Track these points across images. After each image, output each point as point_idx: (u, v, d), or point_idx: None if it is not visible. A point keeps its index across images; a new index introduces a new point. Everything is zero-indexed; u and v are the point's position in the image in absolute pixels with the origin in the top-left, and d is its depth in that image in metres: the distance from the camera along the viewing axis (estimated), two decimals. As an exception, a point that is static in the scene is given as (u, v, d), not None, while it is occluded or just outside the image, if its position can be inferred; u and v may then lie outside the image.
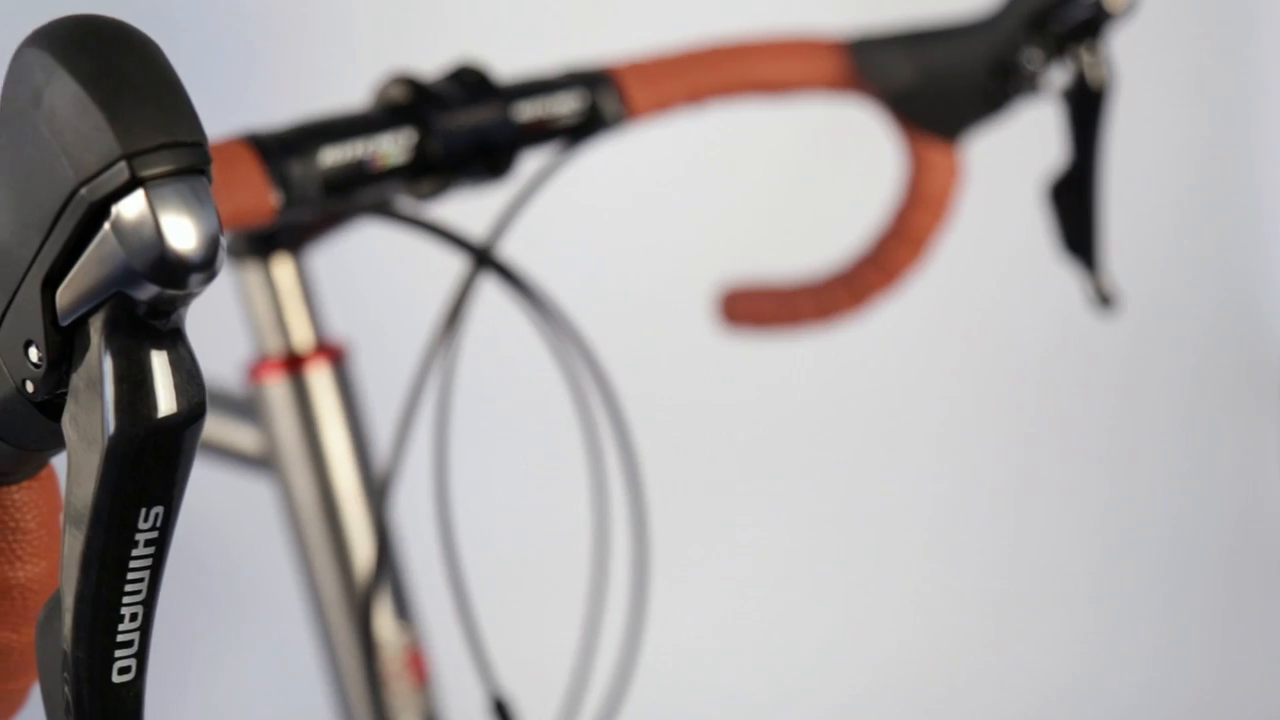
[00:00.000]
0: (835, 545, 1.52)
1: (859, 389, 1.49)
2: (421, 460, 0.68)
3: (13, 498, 0.38)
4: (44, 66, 0.30)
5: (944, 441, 1.53)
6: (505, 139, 0.62)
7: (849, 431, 1.51)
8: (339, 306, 0.81)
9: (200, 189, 0.30)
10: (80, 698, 0.33)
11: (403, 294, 1.34)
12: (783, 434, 1.50)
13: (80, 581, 0.32)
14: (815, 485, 1.52)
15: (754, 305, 0.88)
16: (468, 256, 0.64)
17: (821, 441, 1.51)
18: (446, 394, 0.64)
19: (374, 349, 0.88)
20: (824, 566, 1.52)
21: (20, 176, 0.31)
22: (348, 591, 0.72)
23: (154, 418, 0.31)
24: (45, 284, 0.31)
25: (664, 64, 0.71)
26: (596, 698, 0.74)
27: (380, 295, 1.29)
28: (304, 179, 0.54)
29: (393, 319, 1.15)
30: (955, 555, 1.54)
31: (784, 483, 1.51)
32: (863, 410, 1.50)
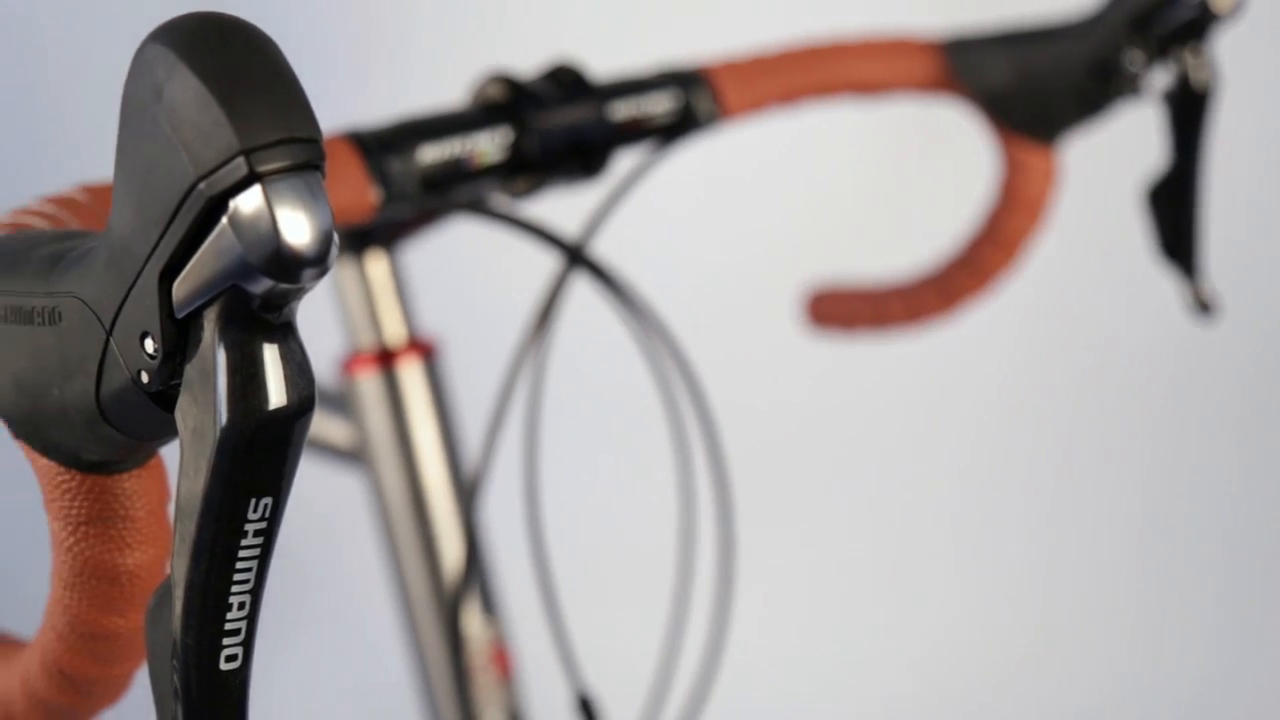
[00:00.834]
0: (920, 547, 1.51)
1: (946, 392, 1.48)
2: (509, 456, 0.69)
3: (123, 486, 0.38)
4: (165, 62, 0.30)
5: (1031, 446, 1.51)
6: (600, 138, 0.62)
7: (935, 434, 1.50)
8: (430, 303, 0.81)
9: (315, 184, 0.31)
10: (188, 684, 0.33)
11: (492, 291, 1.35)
12: (869, 436, 1.49)
13: (190, 570, 0.32)
14: (901, 486, 1.50)
15: (842, 307, 0.88)
16: (560, 255, 0.64)
17: (908, 444, 1.50)
18: (538, 391, 0.65)
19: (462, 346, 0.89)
20: (908, 568, 1.51)
21: (140, 171, 0.31)
22: (435, 585, 0.73)
23: (265, 409, 0.32)
24: (162, 277, 0.32)
25: (758, 64, 0.70)
26: (679, 697, 0.74)
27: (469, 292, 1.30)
28: (403, 176, 0.55)
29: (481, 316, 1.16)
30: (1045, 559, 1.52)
31: (869, 483, 1.50)
32: (949, 413, 1.49)
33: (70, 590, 0.39)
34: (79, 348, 0.34)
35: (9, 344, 0.36)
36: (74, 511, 0.38)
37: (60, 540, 0.39)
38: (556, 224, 0.65)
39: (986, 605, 1.51)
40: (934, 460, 1.50)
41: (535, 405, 0.65)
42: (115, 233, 0.32)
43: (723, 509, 0.71)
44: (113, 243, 0.33)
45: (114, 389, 0.34)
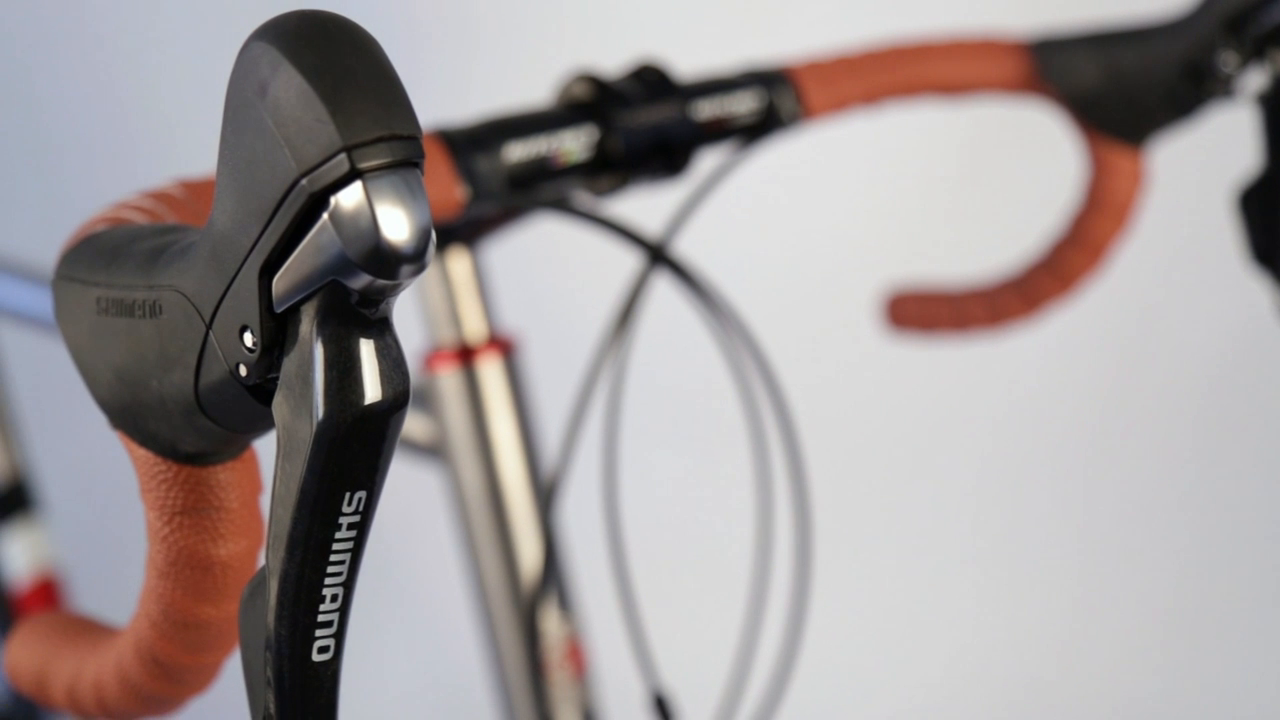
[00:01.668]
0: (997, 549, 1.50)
1: (1026, 395, 1.46)
2: (587, 454, 0.69)
3: (217, 478, 0.39)
4: (270, 60, 0.31)
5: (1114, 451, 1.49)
6: (684, 137, 0.62)
7: (1014, 437, 1.48)
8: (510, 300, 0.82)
9: (414, 182, 0.31)
10: (281, 674, 0.34)
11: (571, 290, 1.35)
12: (947, 438, 1.47)
13: (285, 561, 0.33)
14: (977, 488, 1.49)
15: (921, 309, 0.87)
16: (642, 254, 0.64)
17: (988, 446, 1.48)
18: (618, 390, 0.65)
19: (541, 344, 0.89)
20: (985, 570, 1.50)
21: (243, 167, 0.32)
22: (512, 581, 0.73)
23: (361, 404, 0.32)
24: (263, 271, 0.32)
25: (842, 64, 0.70)
26: (754, 697, 0.74)
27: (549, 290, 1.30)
28: (489, 174, 0.55)
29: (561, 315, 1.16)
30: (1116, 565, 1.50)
31: (947, 484, 1.49)
32: (1030, 417, 1.47)
33: (164, 579, 0.40)
34: (179, 340, 0.35)
35: (110, 336, 0.37)
36: (169, 502, 0.39)
37: (155, 530, 0.39)
38: (639, 223, 0.65)
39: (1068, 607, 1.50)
40: (1017, 463, 1.49)
41: (615, 404, 0.65)
42: (217, 227, 0.33)
43: (800, 509, 0.70)
44: (214, 237, 0.33)
45: (212, 382, 0.35)
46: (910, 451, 1.47)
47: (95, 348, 0.37)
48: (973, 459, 1.49)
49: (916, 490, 1.49)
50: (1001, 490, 1.49)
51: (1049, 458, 1.49)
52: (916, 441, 1.47)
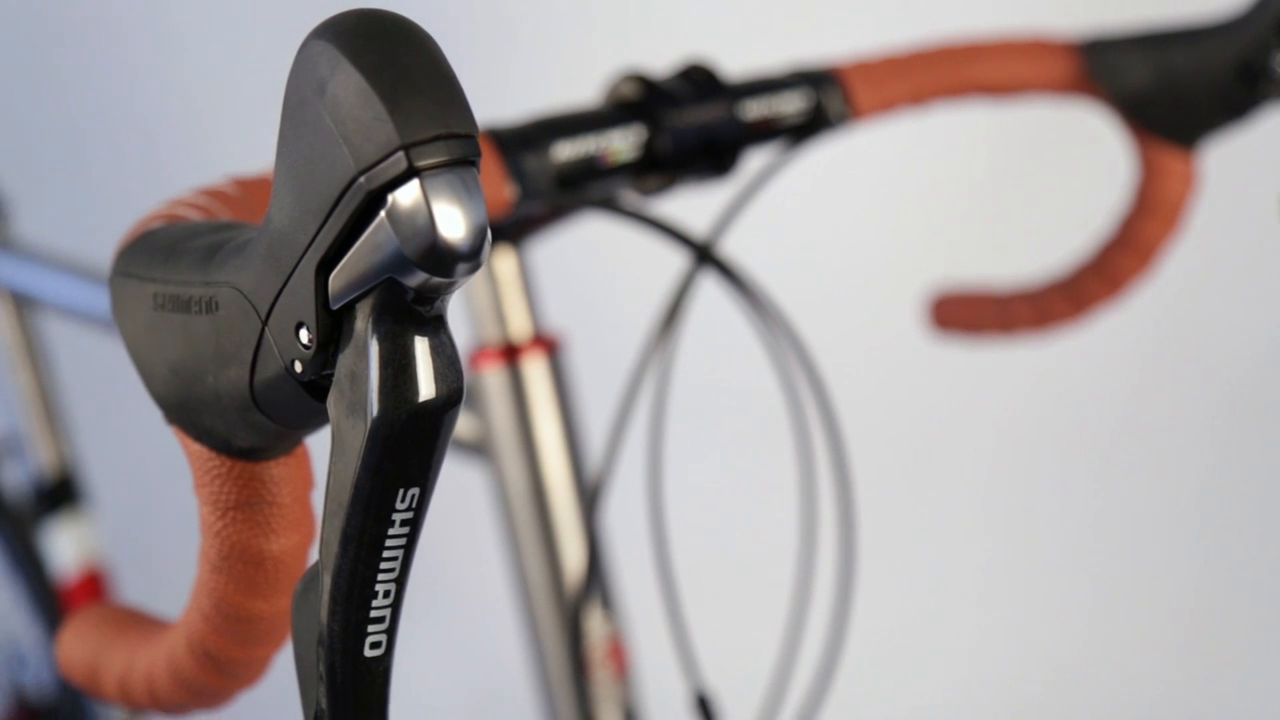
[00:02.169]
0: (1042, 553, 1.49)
1: (1071, 399, 1.45)
2: (631, 453, 0.69)
3: (270, 473, 0.39)
4: (329, 58, 0.31)
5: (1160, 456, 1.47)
6: (731, 137, 0.62)
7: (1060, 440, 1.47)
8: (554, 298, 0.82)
9: (470, 180, 0.31)
10: (333, 669, 0.34)
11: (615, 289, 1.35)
12: (993, 439, 1.46)
13: (338, 557, 0.33)
14: (1023, 491, 1.48)
15: (966, 311, 0.87)
16: (689, 253, 0.64)
17: (1031, 449, 1.47)
18: (663, 389, 0.65)
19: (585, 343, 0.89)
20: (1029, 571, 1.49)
21: (301, 164, 0.32)
22: (555, 580, 0.73)
23: (415, 401, 0.32)
24: (319, 268, 0.32)
25: (889, 64, 0.70)
26: (797, 697, 0.74)
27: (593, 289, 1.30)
28: (538, 173, 0.55)
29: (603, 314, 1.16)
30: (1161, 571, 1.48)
31: (991, 485, 1.48)
32: (1073, 420, 1.46)
33: (216, 573, 0.40)
34: (234, 337, 0.35)
35: (166, 332, 0.37)
36: (223, 496, 0.39)
37: (208, 524, 0.40)
38: (685, 223, 0.65)
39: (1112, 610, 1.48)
40: (1059, 466, 1.48)
41: (660, 403, 0.65)
42: (274, 224, 0.33)
43: (844, 510, 0.70)
44: (271, 234, 0.33)
45: (267, 378, 0.35)
46: (954, 453, 1.47)
47: (152, 343, 0.38)
48: (1018, 460, 1.48)
49: (961, 491, 1.48)
50: (1049, 492, 1.48)
51: (1096, 460, 1.48)
52: (960, 442, 1.46)
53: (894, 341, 1.26)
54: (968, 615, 1.50)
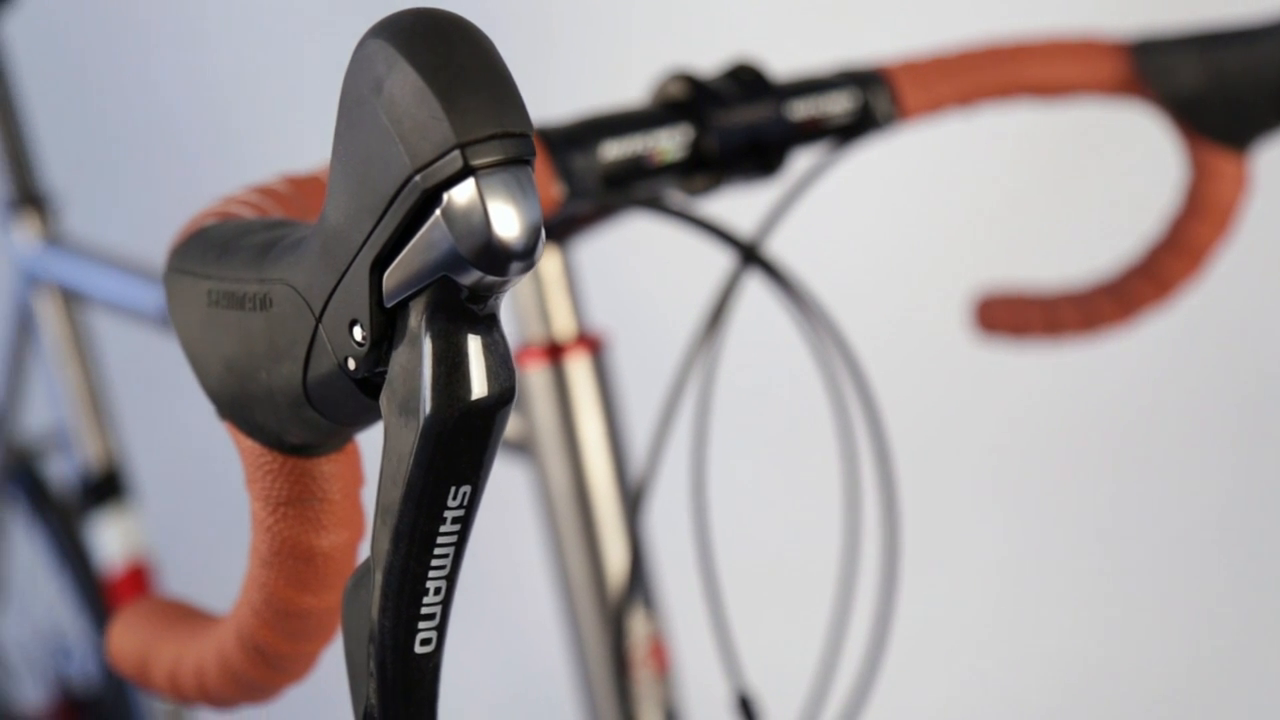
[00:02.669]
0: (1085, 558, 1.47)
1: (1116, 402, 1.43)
2: (673, 451, 0.69)
3: (321, 469, 0.39)
4: (386, 57, 0.31)
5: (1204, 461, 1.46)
6: (778, 137, 0.62)
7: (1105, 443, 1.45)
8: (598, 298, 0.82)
9: (525, 179, 0.31)
10: (383, 665, 0.34)
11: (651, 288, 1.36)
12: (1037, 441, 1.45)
13: (390, 553, 0.33)
14: (1067, 495, 1.47)
15: (1012, 313, 0.86)
16: (735, 253, 0.64)
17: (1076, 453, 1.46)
18: (708, 387, 0.65)
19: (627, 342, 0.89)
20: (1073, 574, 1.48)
21: (357, 162, 0.32)
22: (597, 579, 0.73)
23: (468, 399, 0.32)
24: (374, 266, 0.32)
25: (937, 64, 0.69)
26: (839, 700, 0.73)
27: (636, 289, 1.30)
28: (586, 172, 0.55)
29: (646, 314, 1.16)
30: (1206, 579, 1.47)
31: (1035, 488, 1.47)
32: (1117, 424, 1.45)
33: (267, 568, 0.40)
34: (288, 333, 0.35)
35: (220, 328, 0.37)
36: (274, 492, 0.39)
37: (260, 519, 0.40)
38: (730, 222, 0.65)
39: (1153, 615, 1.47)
40: (1104, 470, 1.46)
41: (705, 403, 0.65)
42: (329, 222, 0.33)
43: (889, 512, 0.70)
44: (326, 232, 0.33)
45: (320, 374, 0.35)
46: (999, 455, 1.46)
47: (206, 339, 0.38)
48: (1063, 463, 1.46)
49: (1005, 494, 1.47)
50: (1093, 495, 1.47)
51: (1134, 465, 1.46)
52: (1006, 445, 1.45)
53: (938, 343, 1.26)
54: (1011, 616, 1.49)
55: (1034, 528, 1.48)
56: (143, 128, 1.80)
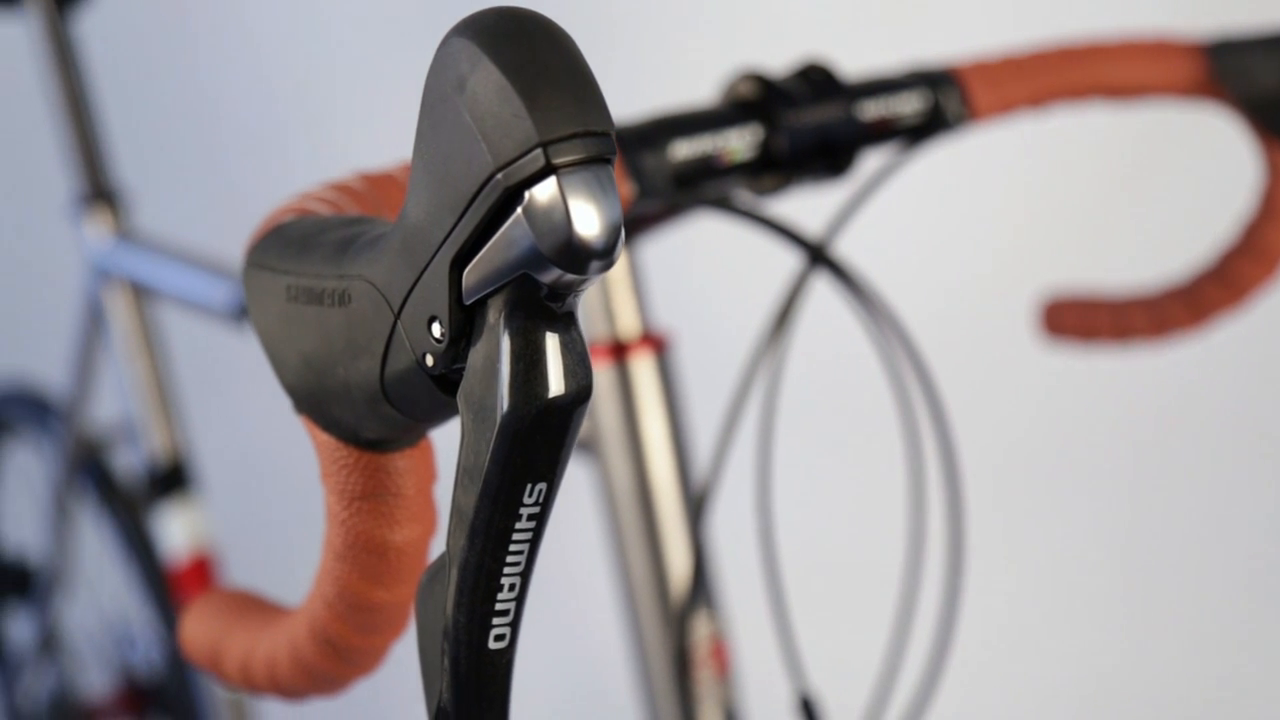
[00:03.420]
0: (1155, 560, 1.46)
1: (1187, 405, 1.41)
2: (736, 451, 0.69)
3: (396, 464, 0.40)
4: (469, 55, 0.31)
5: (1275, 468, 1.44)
6: (848, 137, 0.62)
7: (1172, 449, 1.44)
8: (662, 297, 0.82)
9: (606, 178, 0.31)
10: (457, 660, 0.34)
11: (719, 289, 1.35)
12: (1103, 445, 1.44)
13: (466, 549, 0.33)
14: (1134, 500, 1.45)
15: (1080, 317, 0.85)
16: (802, 254, 0.63)
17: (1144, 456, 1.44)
18: (774, 389, 0.65)
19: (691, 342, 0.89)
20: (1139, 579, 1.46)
21: (439, 160, 0.32)
22: (659, 578, 0.73)
23: (545, 397, 0.32)
24: (454, 263, 0.32)
25: (1009, 64, 0.69)
26: (902, 702, 0.73)
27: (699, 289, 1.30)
28: (655, 171, 0.55)
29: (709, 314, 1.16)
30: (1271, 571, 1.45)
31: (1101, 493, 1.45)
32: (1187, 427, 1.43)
33: (341, 561, 0.41)
34: (367, 329, 0.36)
35: (299, 323, 0.38)
36: (349, 486, 0.40)
37: (334, 513, 0.40)
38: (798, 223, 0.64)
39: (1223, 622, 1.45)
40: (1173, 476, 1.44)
41: (771, 404, 0.65)
42: (409, 219, 0.33)
43: (954, 513, 0.69)
44: (406, 229, 0.34)
45: (398, 370, 0.35)
46: (1064, 459, 1.44)
47: (284, 334, 0.38)
48: (1128, 467, 1.45)
49: (1069, 497, 1.45)
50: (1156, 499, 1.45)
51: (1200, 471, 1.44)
52: (1071, 449, 1.44)
53: (1005, 346, 1.25)
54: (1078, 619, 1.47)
55: (1101, 530, 1.47)
56: (211, 124, 1.83)
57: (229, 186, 1.79)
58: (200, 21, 1.81)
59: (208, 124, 1.83)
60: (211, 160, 1.84)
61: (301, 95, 1.75)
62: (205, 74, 1.83)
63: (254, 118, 1.79)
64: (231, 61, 1.80)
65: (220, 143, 1.83)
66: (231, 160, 1.81)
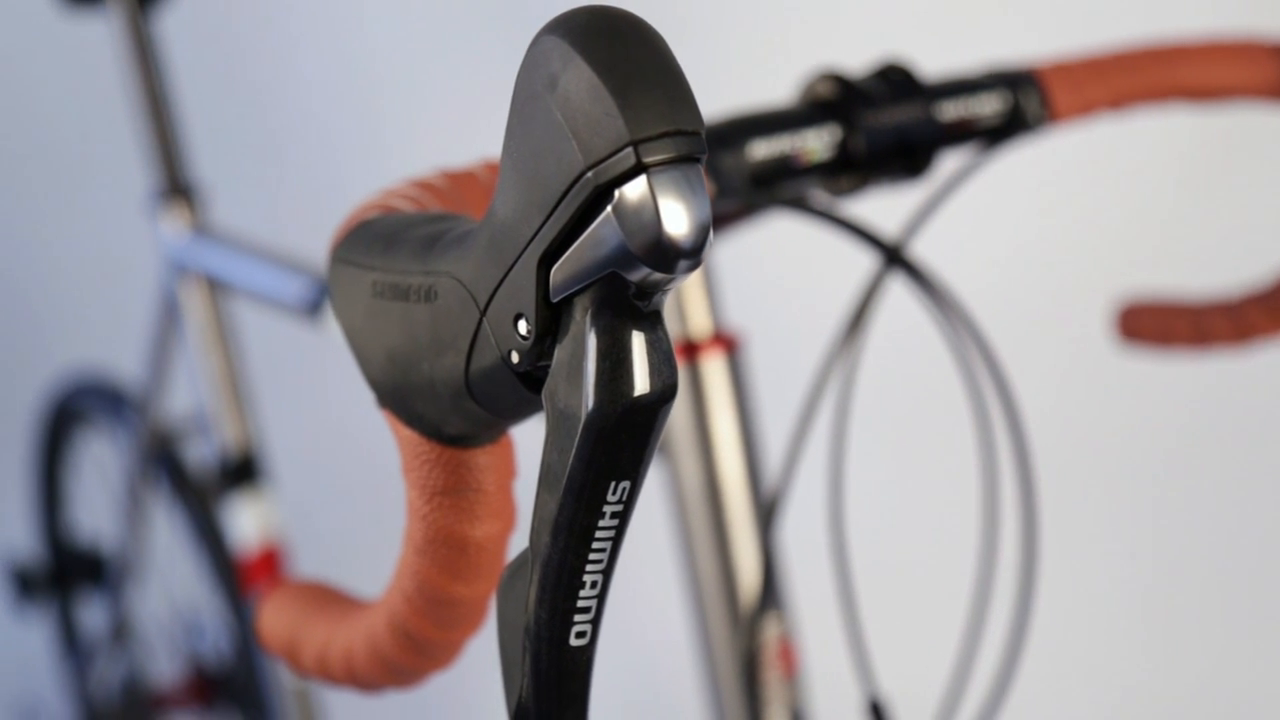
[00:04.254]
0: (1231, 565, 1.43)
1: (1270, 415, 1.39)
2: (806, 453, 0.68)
3: (477, 460, 0.40)
4: (561, 54, 0.31)
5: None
6: (927, 138, 0.61)
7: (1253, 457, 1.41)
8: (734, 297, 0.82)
9: (695, 177, 0.31)
10: (538, 656, 0.35)
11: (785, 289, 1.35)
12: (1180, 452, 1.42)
13: (549, 546, 0.34)
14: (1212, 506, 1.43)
15: (1158, 322, 0.84)
16: (879, 255, 0.63)
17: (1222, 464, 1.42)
18: (848, 391, 0.64)
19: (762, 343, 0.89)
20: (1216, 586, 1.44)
21: (528, 158, 0.32)
22: (727, 579, 0.73)
23: (631, 395, 0.32)
24: (541, 261, 0.33)
25: (1089, 65, 0.68)
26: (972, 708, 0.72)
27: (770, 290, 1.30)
28: (733, 171, 0.55)
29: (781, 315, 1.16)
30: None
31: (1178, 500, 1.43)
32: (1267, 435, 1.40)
33: (421, 556, 0.41)
34: (452, 326, 0.36)
35: (384, 318, 0.38)
36: (431, 481, 0.40)
37: (415, 508, 0.41)
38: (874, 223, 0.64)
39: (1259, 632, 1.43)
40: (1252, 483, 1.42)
41: (845, 406, 0.64)
42: (498, 216, 0.34)
43: (1028, 517, 0.69)
44: (494, 226, 0.34)
45: (483, 367, 0.35)
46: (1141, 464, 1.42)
47: (369, 329, 0.39)
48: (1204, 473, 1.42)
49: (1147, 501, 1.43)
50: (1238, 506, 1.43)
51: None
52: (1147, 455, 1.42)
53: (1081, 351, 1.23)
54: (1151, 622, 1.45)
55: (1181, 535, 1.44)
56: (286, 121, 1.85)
57: (303, 182, 1.81)
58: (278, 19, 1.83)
59: (283, 120, 1.86)
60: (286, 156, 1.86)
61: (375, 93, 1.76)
62: (281, 71, 1.85)
63: (328, 115, 1.81)
64: (307, 59, 1.82)
65: (294, 139, 1.85)
66: (305, 156, 1.83)
